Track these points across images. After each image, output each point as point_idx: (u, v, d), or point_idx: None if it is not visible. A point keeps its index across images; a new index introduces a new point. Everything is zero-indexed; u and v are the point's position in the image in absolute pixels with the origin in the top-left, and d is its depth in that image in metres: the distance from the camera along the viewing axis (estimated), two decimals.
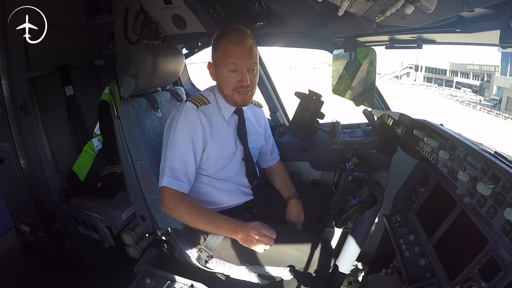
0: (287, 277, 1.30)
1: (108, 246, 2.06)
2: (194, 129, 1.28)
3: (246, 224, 1.26)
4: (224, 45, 1.25)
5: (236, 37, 1.23)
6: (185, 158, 1.27)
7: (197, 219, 1.25)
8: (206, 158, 1.33)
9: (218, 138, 1.34)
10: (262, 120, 1.59)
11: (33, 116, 1.84)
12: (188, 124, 1.27)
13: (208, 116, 1.32)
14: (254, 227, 1.24)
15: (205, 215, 1.26)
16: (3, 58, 1.72)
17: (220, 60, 1.28)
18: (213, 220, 1.26)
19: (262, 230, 1.24)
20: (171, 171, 1.26)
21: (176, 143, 1.26)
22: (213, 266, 1.35)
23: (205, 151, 1.32)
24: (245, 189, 1.45)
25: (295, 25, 1.41)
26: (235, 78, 1.27)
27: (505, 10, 0.76)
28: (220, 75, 1.30)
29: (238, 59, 1.24)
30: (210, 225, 1.25)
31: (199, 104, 1.31)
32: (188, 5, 1.51)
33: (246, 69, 1.26)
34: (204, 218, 1.25)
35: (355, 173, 1.29)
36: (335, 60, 1.82)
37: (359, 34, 1.51)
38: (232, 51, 1.24)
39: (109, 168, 2.00)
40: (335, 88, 1.85)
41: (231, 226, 1.25)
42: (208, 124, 1.31)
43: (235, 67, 1.25)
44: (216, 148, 1.34)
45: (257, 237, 1.22)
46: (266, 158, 1.64)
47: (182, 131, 1.27)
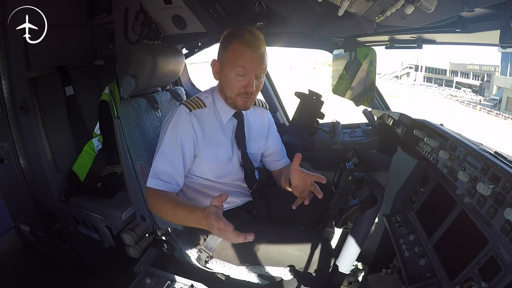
0: (287, 277, 1.30)
1: (108, 246, 2.06)
2: (184, 134, 1.24)
3: (204, 211, 1.07)
4: (237, 45, 1.19)
5: (251, 40, 1.17)
6: (172, 161, 1.24)
7: (174, 215, 1.15)
8: (200, 162, 1.30)
9: (211, 143, 1.29)
10: (267, 122, 1.51)
11: (33, 116, 1.84)
12: (179, 128, 1.24)
13: (201, 121, 1.27)
14: (211, 219, 1.01)
15: (175, 210, 1.15)
16: (3, 58, 1.72)
17: (229, 60, 1.21)
18: (180, 213, 1.14)
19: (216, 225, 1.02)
20: (156, 173, 1.23)
21: (164, 146, 1.24)
22: (213, 266, 1.35)
23: (198, 156, 1.29)
24: (245, 191, 1.44)
25: (295, 25, 1.41)
26: (241, 83, 1.22)
27: (505, 10, 0.76)
28: (225, 76, 1.24)
29: (249, 64, 1.19)
30: (178, 218, 1.15)
31: (192, 108, 1.27)
32: (188, 5, 1.51)
33: (254, 75, 1.21)
34: (173, 213, 1.15)
35: (355, 173, 1.28)
36: (335, 60, 1.83)
37: (359, 34, 1.51)
38: (244, 53, 1.18)
39: (109, 168, 2.00)
40: (335, 88, 1.85)
41: (194, 218, 1.10)
42: (200, 129, 1.26)
43: (243, 71, 1.20)
44: (210, 154, 1.30)
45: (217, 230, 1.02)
46: (271, 159, 1.56)
47: (172, 134, 1.24)
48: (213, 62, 1.28)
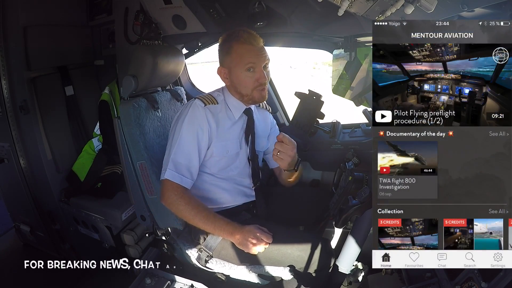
0: (287, 277, 1.30)
1: (108, 246, 2.06)
2: (200, 126, 1.29)
3: (244, 227, 1.26)
4: (238, 46, 1.27)
5: (250, 38, 1.26)
6: (189, 154, 1.28)
7: (195, 216, 1.25)
8: (210, 155, 1.34)
9: (223, 137, 1.35)
10: (269, 122, 1.57)
11: (33, 116, 1.84)
12: (195, 121, 1.29)
13: (215, 115, 1.33)
14: (251, 230, 1.24)
15: (204, 213, 1.26)
16: (3, 58, 1.72)
17: (236, 62, 1.28)
18: (212, 219, 1.26)
19: (258, 233, 1.23)
20: (174, 165, 1.27)
21: (181, 139, 1.28)
22: (213, 266, 1.35)
23: (209, 149, 1.33)
24: (247, 190, 1.45)
25: (295, 25, 1.41)
26: (253, 77, 1.29)
27: (505, 10, 0.77)
28: (237, 77, 1.31)
29: (255, 58, 1.27)
30: (208, 224, 1.26)
31: (207, 103, 1.33)
32: (188, 5, 1.51)
33: (262, 66, 1.29)
34: (202, 216, 1.25)
35: (355, 173, 1.29)
36: (335, 60, 1.82)
37: (359, 34, 1.51)
38: (248, 51, 1.26)
39: (109, 168, 2.00)
40: (335, 88, 1.85)
41: (228, 228, 1.25)
42: (214, 123, 1.32)
43: (253, 65, 1.27)
44: (220, 147, 1.34)
45: (254, 241, 1.22)
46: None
47: (188, 127, 1.28)
48: (219, 70, 1.35)
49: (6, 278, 2.03)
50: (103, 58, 2.17)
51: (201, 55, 2.07)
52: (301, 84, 12.75)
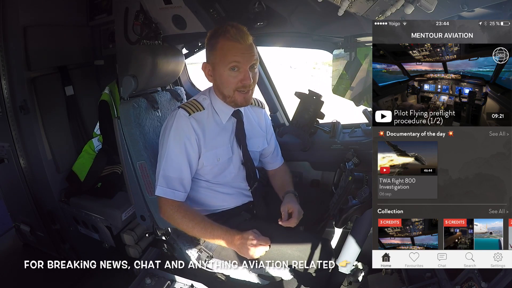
0: (287, 277, 1.30)
1: (108, 246, 2.06)
2: (187, 137, 1.24)
3: (242, 234, 1.24)
4: (224, 42, 1.19)
5: (237, 34, 1.17)
6: (179, 166, 1.25)
7: (193, 228, 1.25)
8: (201, 165, 1.31)
9: (211, 145, 1.30)
10: (264, 121, 1.52)
11: (33, 116, 1.83)
12: (181, 133, 1.24)
13: (201, 123, 1.28)
14: (248, 238, 1.22)
15: (202, 224, 1.25)
16: (3, 58, 1.72)
17: (219, 59, 1.21)
18: (209, 229, 1.25)
19: (256, 241, 1.22)
20: (165, 181, 1.24)
21: (169, 152, 1.24)
22: (213, 266, 1.35)
23: (200, 159, 1.30)
24: (245, 191, 1.44)
25: (295, 25, 1.41)
26: (237, 77, 1.22)
27: (505, 10, 0.77)
28: (219, 75, 1.24)
29: (240, 57, 1.19)
30: (206, 235, 1.25)
31: (191, 111, 1.27)
32: (188, 5, 1.51)
33: (248, 67, 1.21)
34: (200, 228, 1.24)
35: (355, 173, 1.28)
36: (335, 60, 1.82)
37: (359, 34, 1.51)
38: (233, 48, 1.18)
39: (109, 168, 2.00)
40: (335, 88, 1.85)
41: (227, 237, 1.24)
42: (201, 131, 1.27)
43: (237, 64, 1.19)
44: (210, 156, 1.30)
45: (252, 247, 1.21)
46: (268, 161, 1.58)
47: (175, 139, 1.24)
48: (204, 66, 1.28)
49: (6, 278, 2.03)
50: (103, 58, 2.17)
51: (201, 55, 2.06)
52: (301, 84, 12.74)
